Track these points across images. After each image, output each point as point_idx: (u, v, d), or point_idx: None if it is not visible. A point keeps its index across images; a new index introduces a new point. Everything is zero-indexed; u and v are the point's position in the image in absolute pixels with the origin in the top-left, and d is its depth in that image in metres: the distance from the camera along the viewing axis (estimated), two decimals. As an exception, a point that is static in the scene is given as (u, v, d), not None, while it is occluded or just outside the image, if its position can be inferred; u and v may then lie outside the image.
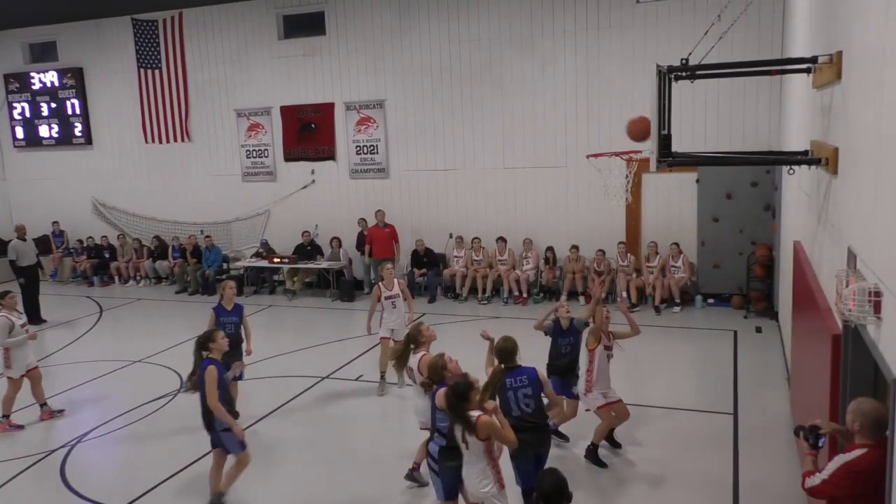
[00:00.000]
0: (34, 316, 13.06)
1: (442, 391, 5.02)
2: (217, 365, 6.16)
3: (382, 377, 8.99)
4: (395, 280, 9.16)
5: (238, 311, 8.24)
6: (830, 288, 4.75)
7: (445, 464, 5.11)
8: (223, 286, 8.40)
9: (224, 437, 6.19)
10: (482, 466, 4.78)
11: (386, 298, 8.96)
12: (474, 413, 4.70)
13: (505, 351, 5.54)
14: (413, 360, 6.14)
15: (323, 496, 6.62)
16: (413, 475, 6.52)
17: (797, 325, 7.17)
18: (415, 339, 6.24)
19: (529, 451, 5.37)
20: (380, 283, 9.15)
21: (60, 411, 8.80)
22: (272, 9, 15.12)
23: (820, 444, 3.89)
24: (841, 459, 3.62)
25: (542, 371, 5.82)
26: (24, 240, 13.56)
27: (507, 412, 5.25)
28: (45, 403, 8.69)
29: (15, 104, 17.92)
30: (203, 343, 6.33)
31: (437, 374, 5.39)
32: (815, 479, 3.70)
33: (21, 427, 8.36)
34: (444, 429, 5.07)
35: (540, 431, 5.49)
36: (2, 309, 8.33)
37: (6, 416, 8.34)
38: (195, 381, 6.25)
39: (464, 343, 10.73)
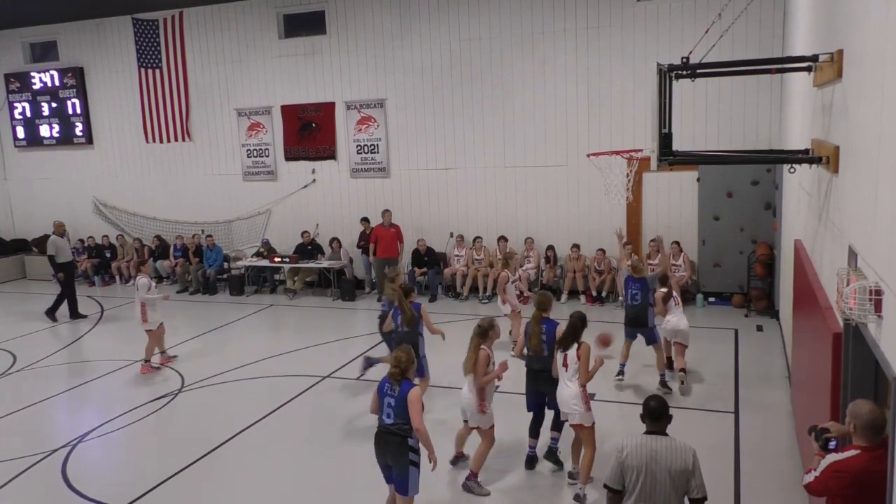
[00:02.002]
0: (73, 311, 13.47)
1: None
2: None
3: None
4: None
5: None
6: (831, 286, 4.75)
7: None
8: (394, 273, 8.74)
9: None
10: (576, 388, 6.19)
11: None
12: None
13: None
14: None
15: (324, 496, 6.62)
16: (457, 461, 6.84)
17: (798, 323, 7.17)
18: (486, 332, 6.43)
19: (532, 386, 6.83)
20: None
21: (175, 357, 10.59)
22: (272, 8, 15.12)
23: (830, 447, 3.89)
24: (830, 459, 3.67)
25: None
26: (62, 236, 13.69)
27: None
28: (165, 351, 10.55)
29: (16, 104, 17.93)
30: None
31: None
32: (809, 476, 3.78)
33: (158, 368, 10.18)
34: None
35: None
36: (142, 273, 10.27)
37: (147, 361, 10.15)
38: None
39: (465, 342, 10.74)
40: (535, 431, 6.82)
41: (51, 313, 13.44)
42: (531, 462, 6.81)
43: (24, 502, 6.74)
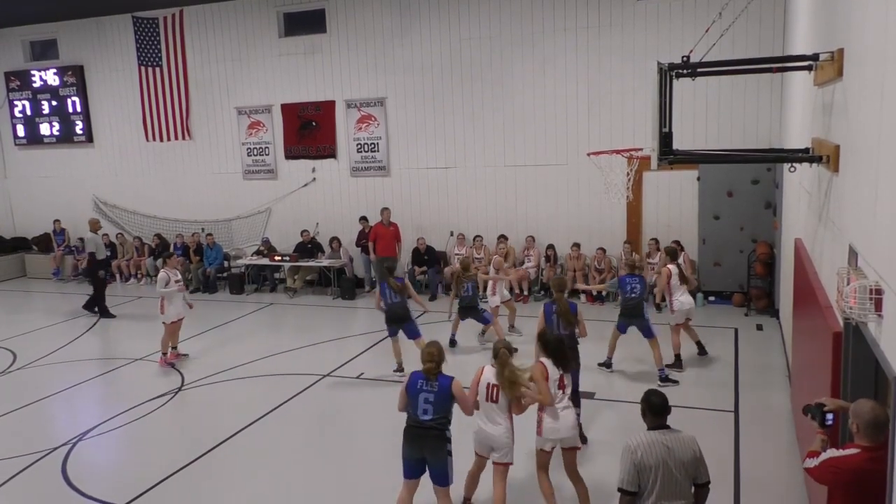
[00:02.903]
0: (103, 310, 13.54)
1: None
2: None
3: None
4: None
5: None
6: (831, 285, 4.75)
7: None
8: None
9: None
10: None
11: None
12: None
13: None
14: (489, 375, 5.59)
15: (324, 494, 6.62)
16: None
17: (798, 322, 7.17)
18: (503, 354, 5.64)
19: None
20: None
21: (185, 355, 10.57)
22: (273, 7, 15.11)
23: (828, 422, 3.92)
24: (831, 453, 3.70)
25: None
26: (97, 233, 13.75)
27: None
28: (175, 347, 10.48)
29: (16, 102, 17.92)
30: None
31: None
32: (810, 463, 3.80)
33: (176, 358, 10.33)
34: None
35: None
36: (165, 266, 10.34)
37: (164, 354, 10.29)
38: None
39: (465, 340, 10.77)
40: None
41: (90, 306, 13.62)
42: None
43: (24, 500, 6.74)
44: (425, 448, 5.34)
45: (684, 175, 12.52)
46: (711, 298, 12.62)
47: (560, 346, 5.82)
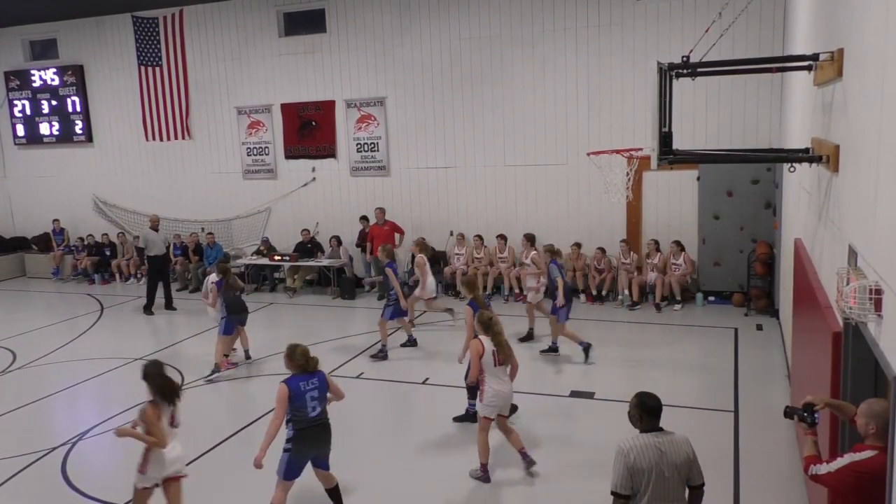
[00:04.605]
0: (168, 303, 13.73)
1: None
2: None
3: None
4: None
5: None
6: (831, 285, 4.75)
7: None
8: None
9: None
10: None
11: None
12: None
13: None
14: (489, 344, 6.46)
15: (323, 495, 6.62)
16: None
17: (798, 322, 7.17)
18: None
19: None
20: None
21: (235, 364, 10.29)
22: (272, 6, 15.11)
23: (816, 421, 3.90)
24: (850, 458, 3.60)
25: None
26: (157, 230, 13.85)
27: None
28: (227, 355, 10.16)
29: (16, 101, 17.92)
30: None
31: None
32: (821, 469, 3.70)
33: (235, 365, 10.12)
34: None
35: None
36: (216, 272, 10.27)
37: (226, 356, 10.03)
38: None
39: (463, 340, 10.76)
40: None
41: (168, 304, 13.78)
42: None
43: (23, 500, 6.74)
44: (319, 442, 5.70)
45: (684, 175, 12.52)
46: (711, 298, 12.62)
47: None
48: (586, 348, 9.74)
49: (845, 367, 4.40)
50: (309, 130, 15.35)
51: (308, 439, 5.61)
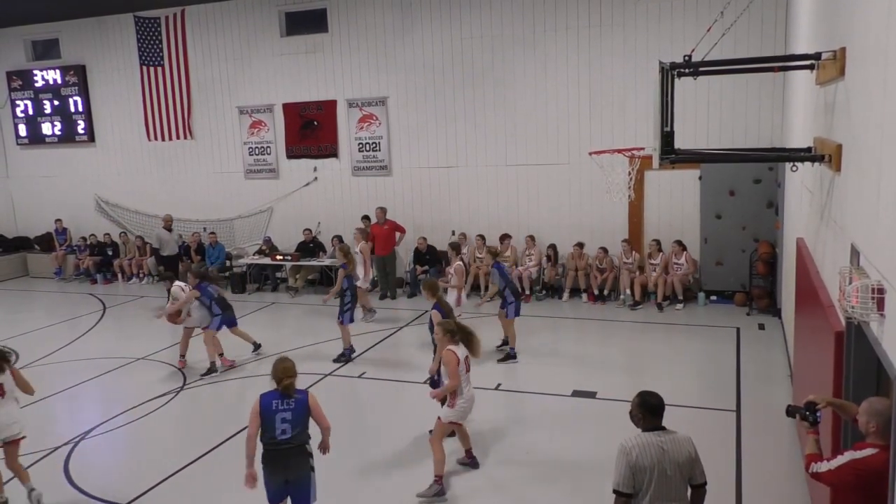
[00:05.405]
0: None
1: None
2: None
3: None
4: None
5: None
6: (833, 285, 4.74)
7: None
8: None
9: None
10: None
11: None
12: None
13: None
14: (461, 351, 6.51)
15: (326, 493, 6.62)
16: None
17: (800, 322, 7.16)
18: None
19: None
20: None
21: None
22: (274, 6, 15.11)
23: (818, 420, 3.90)
24: (850, 455, 3.61)
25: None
26: (170, 230, 13.80)
27: None
28: (222, 353, 10.28)
29: (18, 101, 17.95)
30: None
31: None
32: (822, 467, 3.71)
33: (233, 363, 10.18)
34: None
35: None
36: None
37: (221, 354, 10.18)
38: None
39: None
40: None
41: None
42: None
43: (26, 500, 6.74)
44: (289, 468, 5.20)
45: (686, 174, 12.51)
46: (713, 298, 12.61)
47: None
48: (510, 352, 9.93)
49: (847, 366, 4.39)
50: (311, 130, 15.35)
51: (274, 462, 5.20)
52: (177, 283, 10.15)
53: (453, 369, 6.29)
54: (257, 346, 10.63)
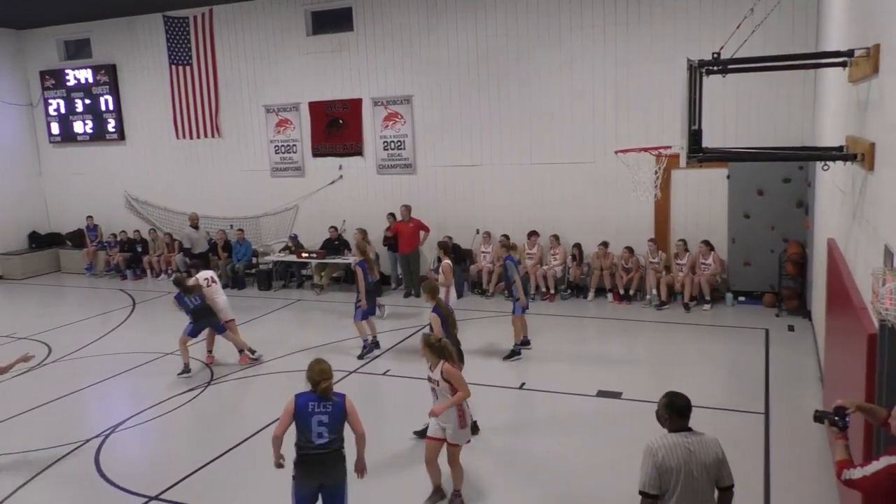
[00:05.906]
0: None
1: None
2: None
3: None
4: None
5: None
6: (866, 286, 4.66)
7: None
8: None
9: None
10: None
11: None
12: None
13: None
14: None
15: (351, 488, 6.67)
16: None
17: (831, 324, 7.05)
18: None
19: None
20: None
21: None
22: (300, 5, 15.23)
23: (847, 424, 3.83)
24: (886, 461, 3.52)
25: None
26: (197, 228, 14.00)
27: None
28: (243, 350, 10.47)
29: (50, 100, 18.30)
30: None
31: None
32: (856, 474, 3.60)
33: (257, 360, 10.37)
34: None
35: None
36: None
37: (241, 352, 10.38)
38: None
39: (491, 338, 10.76)
40: None
41: None
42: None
43: (58, 491, 6.89)
44: (325, 474, 5.03)
45: (714, 173, 12.35)
46: (741, 299, 12.45)
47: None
48: (522, 345, 10.03)
49: (881, 369, 4.32)
50: (336, 129, 15.44)
51: (309, 467, 5.00)
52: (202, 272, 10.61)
53: (461, 378, 5.94)
54: (254, 353, 10.47)
